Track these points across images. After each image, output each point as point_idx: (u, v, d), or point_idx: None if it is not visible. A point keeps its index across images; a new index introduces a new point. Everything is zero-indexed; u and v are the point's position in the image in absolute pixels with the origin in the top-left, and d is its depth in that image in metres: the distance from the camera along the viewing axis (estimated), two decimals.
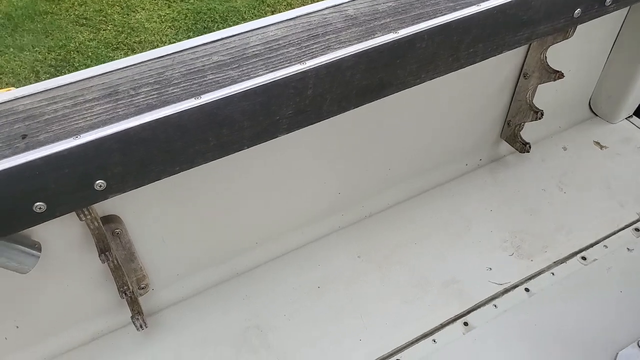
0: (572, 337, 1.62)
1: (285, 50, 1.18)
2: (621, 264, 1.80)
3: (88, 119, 1.03)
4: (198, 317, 1.70)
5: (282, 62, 1.16)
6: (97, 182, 1.05)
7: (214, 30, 1.29)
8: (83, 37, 4.87)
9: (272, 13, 5.07)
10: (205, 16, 5.14)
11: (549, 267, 1.79)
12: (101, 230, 1.38)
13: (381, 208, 1.97)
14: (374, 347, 1.62)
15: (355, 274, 1.79)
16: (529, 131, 2.07)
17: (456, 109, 1.92)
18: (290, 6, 5.26)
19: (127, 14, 5.14)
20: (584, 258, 1.81)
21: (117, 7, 5.21)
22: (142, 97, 1.08)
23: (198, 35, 1.24)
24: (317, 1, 1.32)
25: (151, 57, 1.17)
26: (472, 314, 1.68)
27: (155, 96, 1.08)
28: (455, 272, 1.79)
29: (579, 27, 1.66)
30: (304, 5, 1.32)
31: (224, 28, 1.27)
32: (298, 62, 1.15)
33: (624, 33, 2.08)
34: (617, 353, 1.57)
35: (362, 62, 1.20)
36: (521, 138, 2.06)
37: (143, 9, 5.20)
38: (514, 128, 2.06)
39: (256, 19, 1.29)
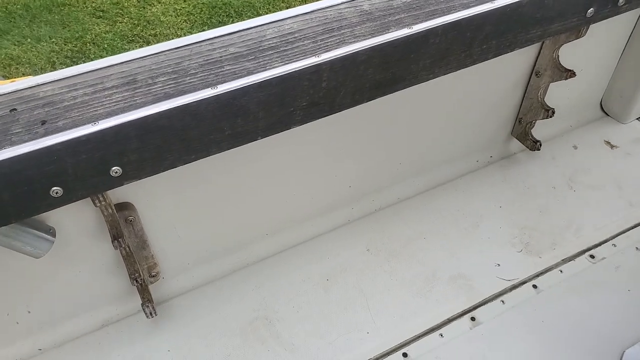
0: (579, 335, 1.63)
1: (301, 43, 1.20)
2: (629, 263, 1.80)
3: (106, 106, 1.06)
4: (207, 306, 1.72)
5: (297, 54, 1.17)
6: (113, 168, 1.07)
7: None
8: (99, 29, 4.92)
9: (287, 9, 5.07)
10: (221, 11, 5.17)
11: (557, 265, 1.80)
12: (115, 217, 1.40)
13: (391, 202, 1.98)
14: (381, 340, 1.63)
15: (364, 267, 1.80)
16: (540, 129, 2.08)
17: (468, 105, 1.92)
18: (305, 2, 5.27)
19: (143, 7, 5.18)
20: (592, 256, 1.82)
21: (134, 0, 5.25)
22: (160, 86, 1.10)
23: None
24: None
25: (169, 47, 1.19)
26: (479, 309, 1.69)
27: (172, 85, 1.10)
28: (463, 267, 1.79)
29: (592, 26, 1.67)
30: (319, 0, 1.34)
31: None
32: (313, 55, 1.17)
33: (636, 33, 2.07)
34: (624, 351, 1.57)
35: (376, 57, 1.21)
36: (532, 136, 2.07)
37: (159, 2, 5.24)
38: (525, 126, 2.06)
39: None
